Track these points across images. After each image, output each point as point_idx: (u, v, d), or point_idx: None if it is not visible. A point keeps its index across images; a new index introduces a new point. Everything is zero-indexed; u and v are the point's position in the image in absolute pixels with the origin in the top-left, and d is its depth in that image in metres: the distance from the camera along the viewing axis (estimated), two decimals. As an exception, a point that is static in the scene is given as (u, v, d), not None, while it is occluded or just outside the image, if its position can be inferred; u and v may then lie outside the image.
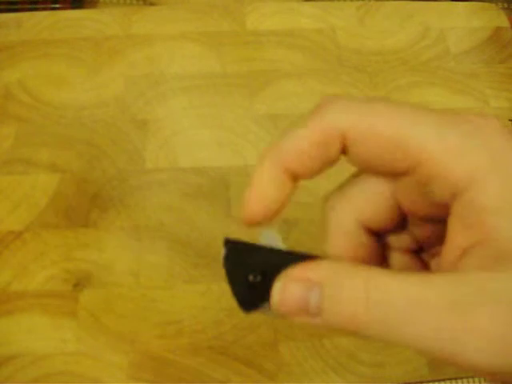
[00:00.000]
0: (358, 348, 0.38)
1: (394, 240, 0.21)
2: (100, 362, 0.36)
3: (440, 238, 0.19)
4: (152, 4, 0.55)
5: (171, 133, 0.45)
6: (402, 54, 0.51)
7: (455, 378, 0.39)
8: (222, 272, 0.21)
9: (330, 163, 0.19)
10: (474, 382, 0.39)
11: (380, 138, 0.17)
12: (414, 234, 0.21)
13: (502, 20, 0.54)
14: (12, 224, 0.41)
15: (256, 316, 0.40)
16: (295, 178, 0.19)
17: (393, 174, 0.18)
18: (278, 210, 0.20)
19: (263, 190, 0.19)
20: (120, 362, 0.36)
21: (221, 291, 0.39)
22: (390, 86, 0.49)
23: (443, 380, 0.38)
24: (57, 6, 0.56)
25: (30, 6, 0.56)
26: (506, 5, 0.58)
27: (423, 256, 0.21)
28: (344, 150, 0.18)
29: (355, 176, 0.20)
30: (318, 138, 0.18)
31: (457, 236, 0.17)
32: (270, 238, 0.20)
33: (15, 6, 0.56)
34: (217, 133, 0.46)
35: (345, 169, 0.20)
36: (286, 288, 0.18)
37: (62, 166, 0.43)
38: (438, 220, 0.19)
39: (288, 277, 0.18)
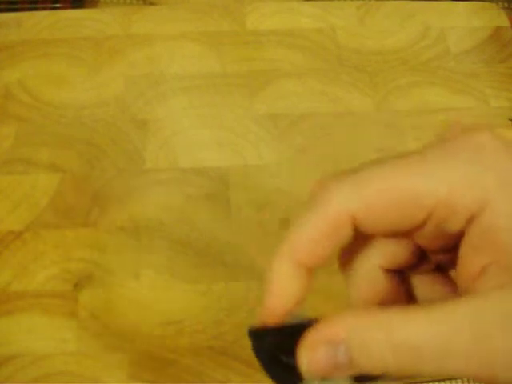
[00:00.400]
0: (357, 348, 0.38)
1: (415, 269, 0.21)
2: (100, 362, 0.36)
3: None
4: (152, 4, 0.55)
5: (171, 133, 0.45)
6: (402, 54, 0.51)
7: (455, 378, 0.39)
8: (222, 272, 0.21)
9: (342, 245, 0.19)
10: (474, 382, 0.39)
11: (390, 202, 0.17)
12: (434, 260, 0.21)
13: (502, 20, 0.54)
14: (12, 224, 0.41)
15: (256, 316, 0.40)
16: (311, 268, 0.19)
17: (408, 230, 0.18)
18: (300, 301, 0.19)
19: (281, 288, 0.19)
20: (120, 362, 0.36)
21: (221, 291, 0.39)
22: (390, 85, 0.49)
23: (443, 380, 0.38)
24: (57, 5, 0.56)
25: (30, 6, 0.56)
26: (506, 4, 0.58)
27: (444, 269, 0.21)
28: (355, 229, 0.18)
29: None
30: (328, 226, 0.18)
31: (471, 258, 0.17)
32: (297, 317, 0.20)
33: (15, 6, 0.56)
34: (217, 133, 0.46)
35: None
36: (314, 353, 0.18)
37: (62, 166, 0.43)
38: (456, 246, 0.19)
39: (312, 341, 0.18)
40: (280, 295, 0.19)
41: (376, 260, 0.20)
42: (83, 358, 0.36)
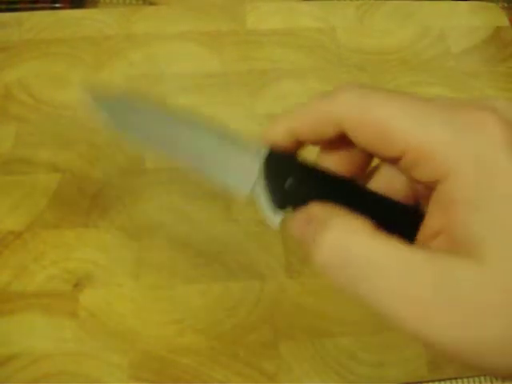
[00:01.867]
0: (358, 348, 0.38)
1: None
2: (100, 362, 0.36)
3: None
4: (152, 4, 0.55)
5: (171, 133, 0.45)
6: (402, 54, 0.51)
7: (455, 378, 0.39)
8: (222, 272, 0.22)
9: (325, 140, 0.22)
10: (474, 382, 0.39)
11: (369, 128, 0.19)
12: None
13: (502, 19, 0.54)
14: (12, 224, 0.41)
15: (256, 316, 0.40)
16: (298, 141, 0.23)
17: (386, 158, 0.20)
18: (295, 146, 0.23)
19: (274, 139, 0.23)
20: (120, 362, 0.36)
21: (221, 291, 0.39)
22: (391, 85, 0.49)
23: (443, 380, 0.38)
24: (57, 5, 0.56)
25: (30, 6, 0.56)
26: (506, 4, 0.58)
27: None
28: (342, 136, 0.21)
29: None
30: (319, 118, 0.21)
31: (432, 217, 0.19)
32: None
33: (15, 6, 0.56)
34: (217, 133, 0.45)
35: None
36: (293, 220, 0.22)
37: (62, 166, 0.43)
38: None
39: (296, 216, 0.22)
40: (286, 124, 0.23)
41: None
42: (83, 358, 0.36)
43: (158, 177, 0.43)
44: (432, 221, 0.19)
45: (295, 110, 0.22)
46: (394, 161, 0.20)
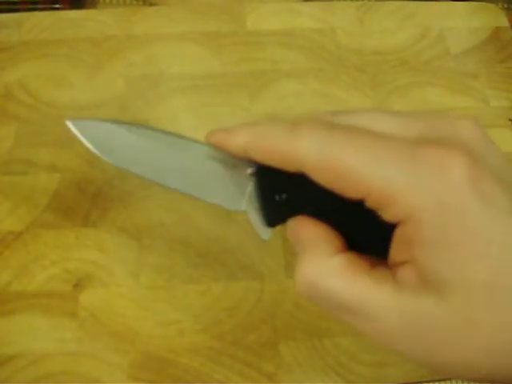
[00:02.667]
0: (358, 348, 0.38)
1: None
2: (100, 362, 0.36)
3: None
4: (152, 4, 0.55)
5: (171, 133, 0.45)
6: (401, 54, 0.51)
7: (455, 378, 0.39)
8: (222, 272, 0.22)
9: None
10: (473, 382, 0.39)
11: (330, 173, 0.19)
12: None
13: (501, 20, 0.54)
14: (12, 224, 0.41)
15: (256, 316, 0.40)
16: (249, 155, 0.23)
17: (351, 198, 0.20)
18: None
19: (229, 146, 0.24)
20: (120, 362, 0.36)
21: (221, 291, 0.39)
22: (390, 85, 0.49)
23: (443, 380, 0.38)
24: (57, 6, 0.56)
25: (30, 7, 0.56)
26: (505, 5, 0.58)
27: None
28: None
29: None
30: (280, 155, 0.21)
31: (397, 250, 0.20)
32: None
33: (15, 7, 0.56)
34: (217, 133, 0.45)
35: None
36: (290, 228, 0.23)
37: (61, 166, 0.43)
38: None
39: (294, 224, 0.22)
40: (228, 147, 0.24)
41: None
42: (83, 358, 0.36)
43: (158, 177, 0.43)
44: (397, 253, 0.20)
45: (254, 129, 0.22)
46: (358, 201, 0.20)
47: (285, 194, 0.22)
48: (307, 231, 0.22)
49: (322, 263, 0.21)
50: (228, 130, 0.24)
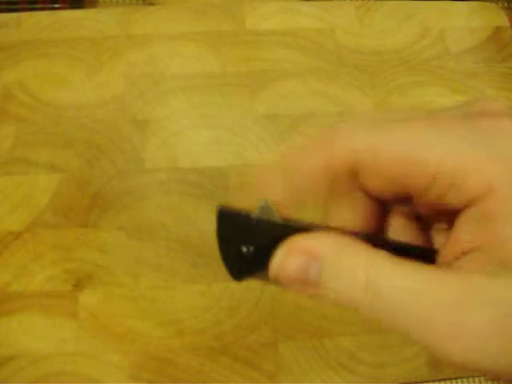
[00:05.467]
0: (358, 348, 0.38)
1: (396, 206, 0.21)
2: (100, 362, 0.36)
3: (446, 221, 0.19)
4: (151, 4, 0.55)
5: (171, 133, 0.45)
6: (401, 54, 0.51)
7: (455, 378, 0.39)
8: (222, 272, 0.21)
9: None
10: (474, 382, 0.39)
11: (390, 164, 0.17)
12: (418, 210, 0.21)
13: (501, 19, 0.54)
14: (12, 224, 0.41)
15: (256, 316, 0.40)
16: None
17: (405, 196, 0.18)
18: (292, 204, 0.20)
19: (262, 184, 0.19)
20: (120, 362, 0.36)
21: (221, 291, 0.39)
22: (390, 85, 0.49)
23: (443, 380, 0.38)
24: (56, 5, 0.55)
25: (29, 6, 0.56)
26: (506, 4, 0.58)
27: (424, 223, 0.21)
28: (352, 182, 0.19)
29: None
30: (326, 169, 0.18)
31: (461, 237, 0.17)
32: (265, 209, 0.20)
33: (15, 6, 0.56)
34: (217, 133, 0.45)
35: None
36: (287, 257, 0.18)
37: (61, 166, 0.43)
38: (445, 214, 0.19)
39: (290, 246, 0.18)
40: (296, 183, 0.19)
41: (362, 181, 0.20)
42: (83, 358, 0.36)
43: (158, 177, 0.43)
44: (460, 241, 0.17)
45: (290, 161, 0.19)
46: (421, 192, 0.18)
47: (252, 246, 0.19)
48: (322, 240, 0.18)
49: (370, 257, 0.17)
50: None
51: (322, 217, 0.20)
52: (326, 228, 0.19)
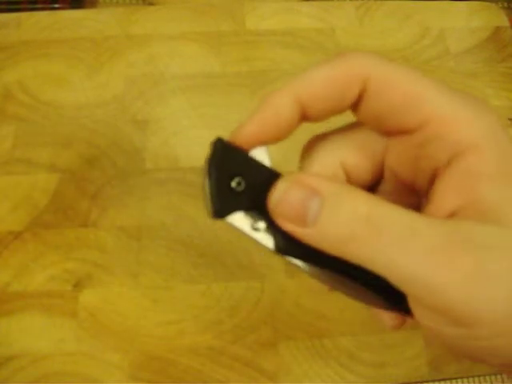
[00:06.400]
0: (358, 348, 0.38)
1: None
2: (100, 362, 0.36)
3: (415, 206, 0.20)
4: (151, 4, 0.55)
5: (171, 133, 0.45)
6: (401, 54, 0.51)
7: (455, 378, 0.39)
8: (222, 272, 0.21)
9: (339, 109, 0.19)
10: (473, 382, 0.39)
11: (398, 91, 0.18)
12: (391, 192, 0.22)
13: (501, 19, 0.54)
14: (12, 224, 0.41)
15: (256, 316, 0.40)
16: (303, 115, 0.19)
17: (397, 131, 0.19)
18: (275, 139, 0.19)
19: (273, 114, 0.19)
20: (120, 362, 0.36)
21: (221, 291, 0.39)
22: (390, 85, 0.49)
23: (443, 380, 0.38)
24: (56, 5, 0.56)
25: (29, 6, 0.56)
26: (506, 4, 0.58)
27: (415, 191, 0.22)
28: (356, 102, 0.19)
29: (344, 127, 0.21)
30: (339, 77, 0.18)
31: (445, 198, 0.18)
32: (259, 156, 0.20)
33: (15, 6, 0.56)
34: (217, 133, 0.45)
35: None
36: (289, 190, 0.18)
37: (61, 166, 0.43)
38: (414, 192, 0.20)
39: (293, 179, 0.18)
40: (268, 120, 0.19)
41: (341, 159, 0.20)
42: (83, 358, 0.36)
43: (158, 177, 0.43)
44: (445, 202, 0.18)
45: (304, 73, 0.19)
46: (408, 131, 0.19)
47: (244, 182, 0.18)
48: (324, 178, 0.18)
49: (371, 196, 0.17)
50: (263, 107, 0.19)
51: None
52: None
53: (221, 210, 0.19)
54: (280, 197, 0.18)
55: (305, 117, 0.19)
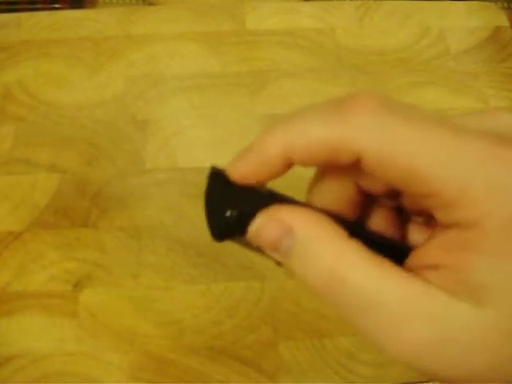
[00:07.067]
0: (358, 348, 0.38)
1: (383, 199, 0.21)
2: (100, 362, 0.36)
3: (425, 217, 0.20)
4: (151, 4, 0.55)
5: (171, 133, 0.45)
6: (401, 54, 0.51)
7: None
8: (222, 272, 0.21)
9: (334, 165, 0.19)
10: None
11: (393, 165, 0.17)
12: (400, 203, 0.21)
13: (501, 19, 0.54)
14: (12, 224, 0.41)
15: (256, 316, 0.40)
16: (291, 163, 0.19)
17: (411, 195, 0.18)
18: (267, 180, 0.20)
19: (262, 161, 0.19)
20: (120, 362, 0.36)
21: (221, 291, 0.39)
22: (390, 85, 0.49)
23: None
24: (56, 5, 0.56)
25: (29, 6, 0.56)
26: (505, 4, 0.58)
27: (403, 218, 0.22)
28: (354, 164, 0.18)
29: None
30: (333, 142, 0.17)
31: (432, 252, 0.18)
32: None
33: (15, 6, 0.56)
34: (217, 133, 0.45)
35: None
36: (265, 224, 0.19)
37: (61, 166, 0.43)
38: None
39: (269, 214, 0.19)
40: (259, 167, 0.19)
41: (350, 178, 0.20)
42: (83, 358, 0.36)
43: (158, 177, 0.43)
44: (430, 255, 0.18)
45: (295, 121, 0.18)
46: (414, 197, 0.18)
47: (236, 212, 0.19)
48: (306, 219, 0.18)
49: (341, 247, 0.17)
50: (251, 148, 0.19)
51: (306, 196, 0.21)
52: (309, 206, 0.19)
53: (218, 236, 0.21)
54: (256, 231, 0.19)
55: (292, 164, 0.19)
